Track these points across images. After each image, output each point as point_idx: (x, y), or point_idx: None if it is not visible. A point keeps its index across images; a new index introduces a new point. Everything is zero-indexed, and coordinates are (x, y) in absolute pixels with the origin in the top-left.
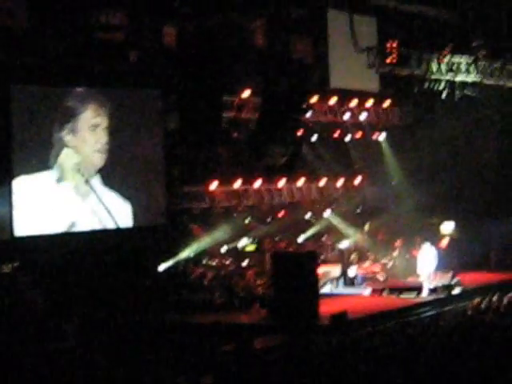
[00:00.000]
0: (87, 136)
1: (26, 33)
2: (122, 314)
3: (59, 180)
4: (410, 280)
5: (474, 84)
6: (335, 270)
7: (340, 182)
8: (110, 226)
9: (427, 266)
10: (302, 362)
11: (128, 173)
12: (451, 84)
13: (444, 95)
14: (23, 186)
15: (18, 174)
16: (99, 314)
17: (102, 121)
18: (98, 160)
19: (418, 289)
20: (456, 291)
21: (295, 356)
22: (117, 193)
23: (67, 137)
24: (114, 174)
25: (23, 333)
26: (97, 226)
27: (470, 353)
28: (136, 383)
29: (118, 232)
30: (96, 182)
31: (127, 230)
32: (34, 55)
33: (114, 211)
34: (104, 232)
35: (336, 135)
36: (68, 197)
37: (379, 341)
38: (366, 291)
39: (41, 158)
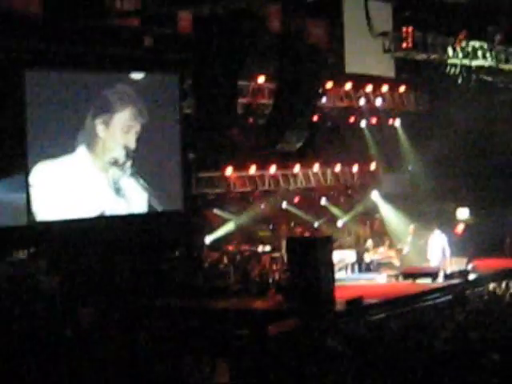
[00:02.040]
0: (118, 135)
1: (41, 19)
2: (138, 299)
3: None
4: (426, 266)
5: (489, 69)
6: (350, 256)
7: (355, 168)
8: (127, 211)
9: (437, 252)
10: (316, 347)
11: (144, 159)
12: (467, 69)
13: (460, 80)
14: (41, 172)
15: (35, 160)
16: (114, 299)
17: (136, 125)
18: (123, 157)
19: (433, 274)
20: (471, 277)
21: (310, 342)
22: (134, 179)
23: (100, 126)
24: (132, 160)
25: (38, 318)
26: (114, 212)
27: (487, 337)
28: (151, 368)
29: (134, 218)
30: (114, 169)
31: (143, 215)
32: (48, 41)
33: (131, 197)
34: (120, 218)
35: (351, 121)
36: (86, 183)
37: (394, 326)
38: (382, 277)
39: (64, 141)
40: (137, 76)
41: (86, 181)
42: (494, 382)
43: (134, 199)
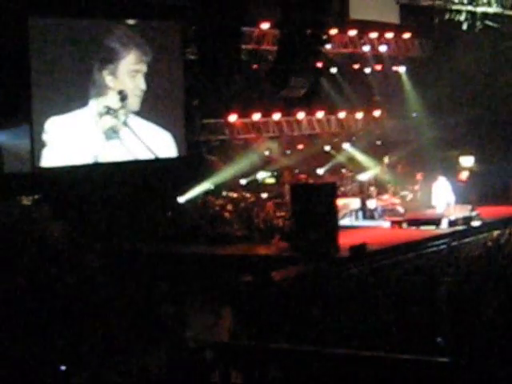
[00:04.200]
0: (127, 81)
1: None
2: (142, 245)
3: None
4: (430, 212)
5: (495, 15)
6: (355, 203)
7: (360, 115)
8: (132, 157)
9: (442, 199)
10: (320, 293)
11: (149, 105)
12: (472, 15)
13: (465, 26)
14: (52, 125)
15: (46, 114)
16: (119, 245)
17: (142, 67)
18: (135, 104)
19: (437, 221)
20: (475, 224)
21: (314, 287)
22: (140, 125)
23: (108, 77)
24: (139, 106)
25: (43, 264)
26: (118, 158)
27: (488, 285)
28: (156, 314)
29: (138, 164)
30: (123, 115)
31: (147, 161)
32: None
33: (135, 143)
34: (124, 164)
35: (356, 67)
36: (96, 130)
37: (398, 272)
38: (386, 223)
39: (76, 96)
40: (135, 21)
41: (92, 128)
42: (493, 325)
43: (139, 145)
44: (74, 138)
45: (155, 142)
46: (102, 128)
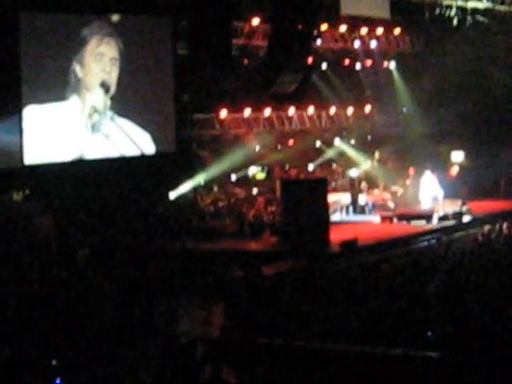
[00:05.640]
0: (93, 66)
1: None
2: (133, 240)
3: (78, 110)
4: (420, 207)
5: (485, 11)
6: (345, 198)
7: (350, 110)
8: (119, 154)
9: (428, 193)
10: (311, 288)
11: (138, 101)
12: (462, 10)
13: (455, 22)
14: (34, 115)
15: (29, 103)
16: (110, 240)
17: (108, 50)
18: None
19: (427, 216)
20: (466, 219)
21: (305, 282)
22: (129, 121)
23: (77, 67)
24: (125, 102)
25: (33, 260)
26: (107, 155)
27: (479, 279)
28: (146, 310)
29: (128, 160)
30: (109, 111)
31: (137, 157)
32: None
33: (121, 140)
34: (114, 160)
35: (346, 63)
36: (81, 127)
37: (388, 267)
38: (376, 219)
39: (56, 88)
40: (121, 16)
41: (76, 125)
42: (483, 320)
43: (125, 141)
44: (54, 131)
45: (137, 139)
46: (88, 124)
